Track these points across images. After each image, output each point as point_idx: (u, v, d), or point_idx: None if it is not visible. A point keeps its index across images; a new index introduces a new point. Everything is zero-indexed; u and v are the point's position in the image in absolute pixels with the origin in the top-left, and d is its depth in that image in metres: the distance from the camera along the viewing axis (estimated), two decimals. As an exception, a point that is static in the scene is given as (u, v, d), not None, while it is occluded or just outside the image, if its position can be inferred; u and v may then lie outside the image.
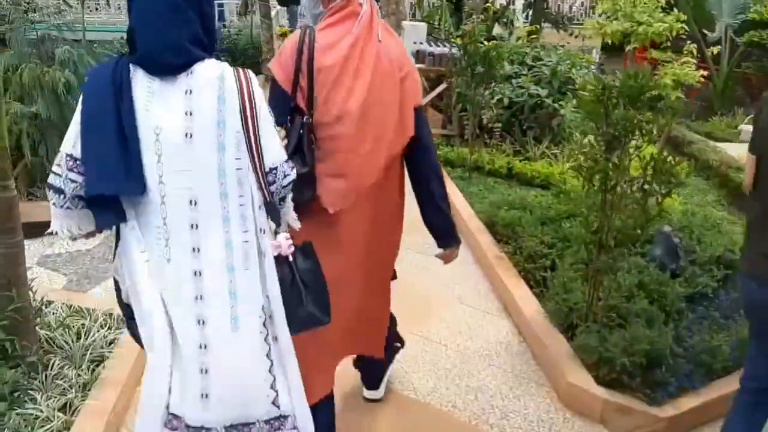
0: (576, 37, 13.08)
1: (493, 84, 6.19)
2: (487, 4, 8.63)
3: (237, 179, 1.75)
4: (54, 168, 1.74)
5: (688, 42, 4.46)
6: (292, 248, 1.88)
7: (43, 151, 4.73)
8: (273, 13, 14.08)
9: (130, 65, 1.72)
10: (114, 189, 1.70)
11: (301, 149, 2.05)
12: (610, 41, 4.45)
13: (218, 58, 1.78)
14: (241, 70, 1.78)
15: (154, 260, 1.76)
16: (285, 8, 17.96)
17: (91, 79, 1.75)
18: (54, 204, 1.74)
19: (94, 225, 1.78)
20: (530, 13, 12.41)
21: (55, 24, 5.77)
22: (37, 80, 4.42)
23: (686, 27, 4.36)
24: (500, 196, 5.45)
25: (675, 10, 4.37)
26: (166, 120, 1.69)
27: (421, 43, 7.21)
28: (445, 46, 7.24)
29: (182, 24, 1.71)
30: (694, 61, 4.31)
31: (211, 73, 1.72)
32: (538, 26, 8.36)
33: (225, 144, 1.72)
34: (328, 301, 1.95)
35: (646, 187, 3.03)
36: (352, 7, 2.12)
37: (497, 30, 8.75)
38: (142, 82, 1.71)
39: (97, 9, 20.55)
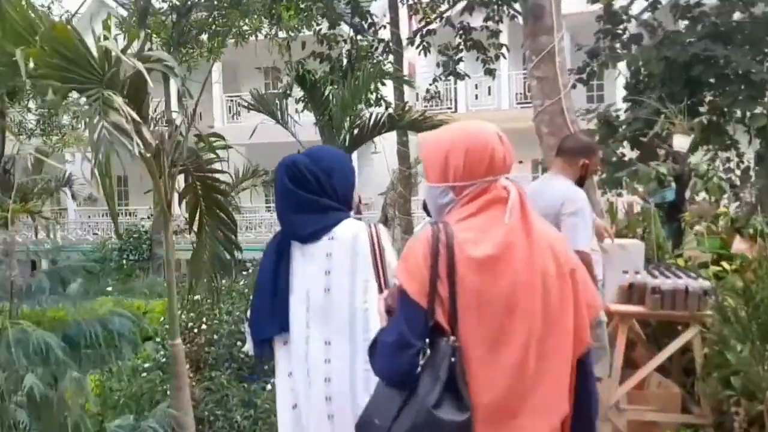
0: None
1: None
2: (721, 209, 5.92)
3: (364, 318, 2.18)
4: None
5: None
6: None
7: None
8: (417, 227, 12.31)
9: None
10: (267, 334, 2.33)
11: (454, 386, 1.60)
12: None
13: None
14: (373, 226, 2.29)
15: (299, 383, 2.28)
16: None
17: (266, 247, 2.37)
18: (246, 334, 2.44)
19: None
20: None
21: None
22: None
23: None
24: None
25: None
26: (312, 281, 2.23)
27: (636, 273, 4.52)
28: (678, 276, 4.48)
29: (310, 211, 2.25)
30: None
31: (347, 236, 2.23)
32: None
33: (355, 290, 2.18)
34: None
35: None
36: (495, 192, 1.74)
37: (738, 244, 5.90)
38: (297, 249, 2.29)
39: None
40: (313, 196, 2.25)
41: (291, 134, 7.38)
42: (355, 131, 7.06)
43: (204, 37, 15.65)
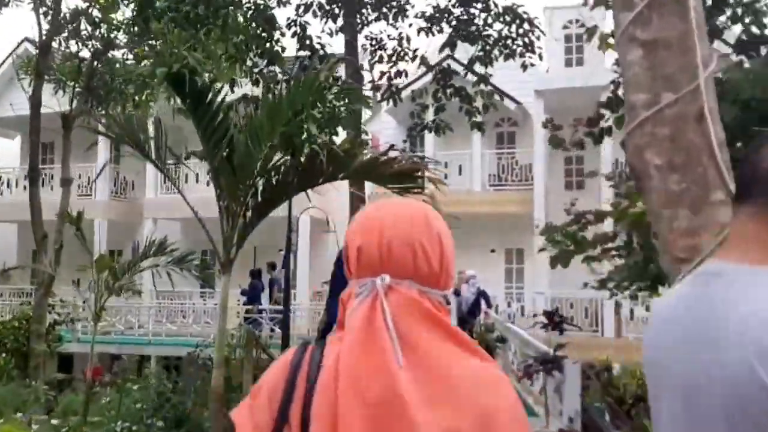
0: None
1: None
2: None
3: None
4: None
5: None
6: None
7: None
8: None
9: None
10: None
11: None
12: None
13: None
14: None
15: None
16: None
17: None
18: None
19: None
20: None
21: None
22: None
23: None
24: None
25: None
26: None
27: None
28: None
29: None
30: None
31: None
32: None
33: None
34: None
35: None
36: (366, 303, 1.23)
37: None
38: None
39: None
40: (343, 281, 1.96)
41: (169, 180, 4.48)
42: (274, 179, 4.18)
43: (130, 88, 13.01)
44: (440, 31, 8.66)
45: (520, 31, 8.66)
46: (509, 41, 8.65)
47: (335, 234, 10.71)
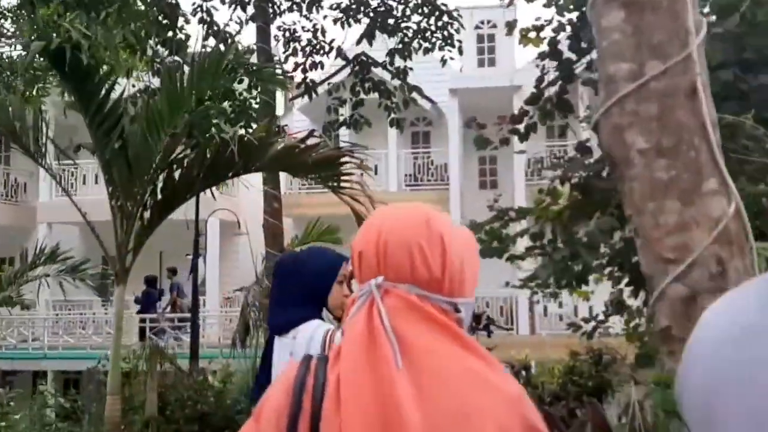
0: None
1: None
2: None
3: None
4: None
5: None
6: None
7: None
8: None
9: None
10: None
11: None
12: None
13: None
14: (330, 332, 2.25)
15: None
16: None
17: None
18: None
19: None
20: None
21: None
22: None
23: None
24: None
25: None
26: None
27: None
28: None
29: (275, 302, 2.41)
30: None
31: (306, 336, 2.23)
32: None
33: None
34: None
35: None
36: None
37: None
38: (276, 341, 2.35)
39: None
40: (279, 286, 2.35)
41: (50, 175, 3.85)
42: (177, 173, 3.61)
43: (18, 82, 11.85)
44: (357, 21, 8.26)
45: (439, 23, 8.39)
46: (428, 34, 8.35)
47: (247, 237, 10.08)
